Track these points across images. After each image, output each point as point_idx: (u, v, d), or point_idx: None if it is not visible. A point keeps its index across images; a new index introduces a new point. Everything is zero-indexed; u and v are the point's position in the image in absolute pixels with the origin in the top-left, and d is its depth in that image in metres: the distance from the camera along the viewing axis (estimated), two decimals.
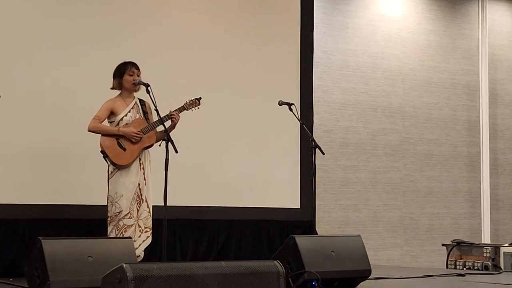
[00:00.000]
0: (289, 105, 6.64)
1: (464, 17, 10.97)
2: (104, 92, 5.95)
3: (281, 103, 6.70)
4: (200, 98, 6.13)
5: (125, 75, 5.87)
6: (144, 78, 5.84)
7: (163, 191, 5.35)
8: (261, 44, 7.91)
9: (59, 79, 6.68)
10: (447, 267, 7.70)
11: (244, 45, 7.81)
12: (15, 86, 6.49)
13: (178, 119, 5.86)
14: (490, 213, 10.81)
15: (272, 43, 7.98)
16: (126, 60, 5.95)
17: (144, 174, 5.82)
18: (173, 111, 5.85)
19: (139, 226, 5.77)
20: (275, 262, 3.74)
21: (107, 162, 5.77)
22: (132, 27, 7.12)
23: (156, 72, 6.80)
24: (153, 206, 5.85)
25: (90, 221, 6.41)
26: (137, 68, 5.91)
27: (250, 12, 7.93)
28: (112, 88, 5.95)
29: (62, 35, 6.74)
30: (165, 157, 5.39)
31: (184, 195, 7.00)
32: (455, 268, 7.55)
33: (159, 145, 5.63)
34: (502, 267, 7.23)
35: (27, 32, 6.59)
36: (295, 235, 5.33)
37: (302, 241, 5.26)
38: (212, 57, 7.56)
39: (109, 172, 5.77)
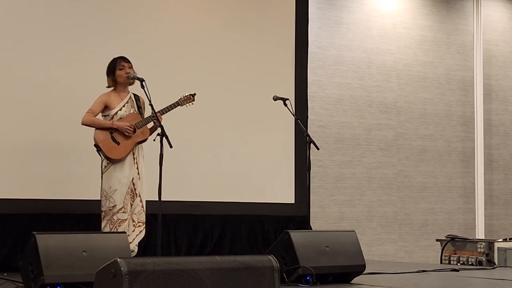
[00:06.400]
0: (284, 100, 6.63)
1: (459, 13, 10.97)
2: (99, 86, 5.94)
3: (275, 98, 6.69)
4: (195, 94, 6.11)
5: (116, 71, 5.86)
6: (139, 73, 5.82)
7: (157, 186, 5.35)
8: (256, 39, 7.90)
9: (53, 73, 6.66)
10: (441, 262, 7.72)
11: (239, 40, 7.79)
12: (9, 81, 6.47)
13: (161, 121, 5.70)
14: (485, 209, 10.82)
15: (267, 38, 7.97)
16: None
17: (137, 168, 5.81)
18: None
19: (133, 221, 5.77)
20: (270, 257, 3.73)
21: (100, 156, 5.75)
22: (128, 23, 7.10)
23: (152, 67, 6.79)
24: (147, 201, 5.84)
25: (84, 216, 6.40)
26: (127, 61, 5.88)
27: (244, 7, 7.91)
28: (108, 87, 5.93)
29: (58, 31, 6.72)
30: (159, 152, 5.38)
31: (179, 190, 6.99)
32: (449, 263, 7.57)
33: (153, 140, 5.61)
34: (496, 262, 7.25)
35: (23, 28, 6.56)
36: (289, 230, 5.35)
37: (296, 236, 5.27)
38: (207, 53, 7.55)
39: (103, 167, 5.75)
